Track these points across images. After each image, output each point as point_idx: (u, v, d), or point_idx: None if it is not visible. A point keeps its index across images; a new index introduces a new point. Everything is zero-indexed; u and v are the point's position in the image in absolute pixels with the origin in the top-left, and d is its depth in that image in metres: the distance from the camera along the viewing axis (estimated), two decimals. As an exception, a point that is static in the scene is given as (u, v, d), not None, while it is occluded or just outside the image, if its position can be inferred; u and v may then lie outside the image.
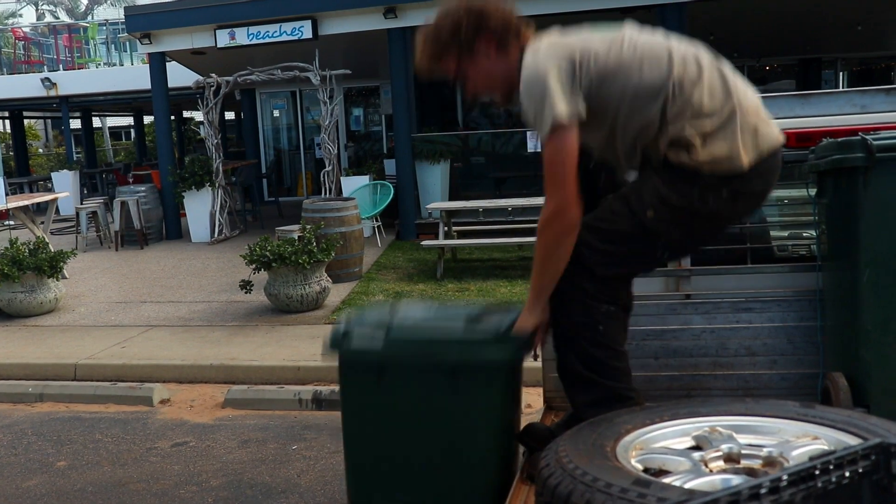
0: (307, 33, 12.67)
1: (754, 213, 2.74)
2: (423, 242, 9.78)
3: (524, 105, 2.44)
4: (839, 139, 2.74)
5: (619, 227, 2.47)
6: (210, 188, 12.96)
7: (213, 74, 12.76)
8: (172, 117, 18.92)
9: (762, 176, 2.42)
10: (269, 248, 7.94)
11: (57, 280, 8.90)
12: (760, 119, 2.43)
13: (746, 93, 2.45)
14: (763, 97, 3.26)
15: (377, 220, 12.06)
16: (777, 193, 3.62)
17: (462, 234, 10.81)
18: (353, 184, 12.53)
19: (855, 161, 2.60)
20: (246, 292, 8.43)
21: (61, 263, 8.85)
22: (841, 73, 20.57)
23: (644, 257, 2.58)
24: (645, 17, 11.45)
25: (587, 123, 2.40)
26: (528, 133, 13.08)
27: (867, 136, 2.60)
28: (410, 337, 2.61)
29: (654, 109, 2.36)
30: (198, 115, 24.89)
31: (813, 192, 3.05)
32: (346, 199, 10.08)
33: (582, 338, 2.48)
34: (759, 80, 19.73)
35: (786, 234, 3.93)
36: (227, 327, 7.88)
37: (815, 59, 18.68)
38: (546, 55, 2.42)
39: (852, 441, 1.81)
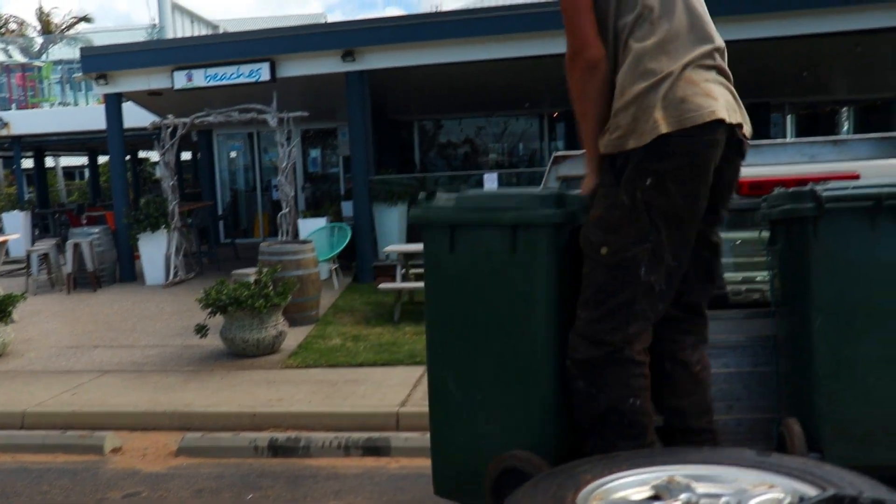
0: (265, 75, 12.70)
1: (698, 202, 2.48)
2: (381, 286, 9.76)
3: None
4: (790, 189, 2.80)
5: (596, 281, 2.53)
6: (165, 230, 12.84)
7: (170, 116, 12.71)
8: (128, 157, 18.78)
9: (685, 154, 2.39)
10: (224, 291, 7.86)
11: (5, 324, 8.71)
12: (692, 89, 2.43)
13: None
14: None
15: (334, 263, 12.02)
16: (730, 235, 3.69)
17: (420, 277, 10.79)
18: (311, 226, 12.50)
19: (805, 211, 2.65)
20: (201, 337, 8.32)
21: (10, 307, 8.68)
22: (788, 117, 21.09)
23: (631, 305, 2.50)
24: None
25: None
26: (486, 175, 13.20)
27: (816, 187, 2.66)
28: (478, 201, 2.76)
29: None
30: (154, 156, 24.72)
31: (766, 238, 3.10)
32: (304, 242, 10.04)
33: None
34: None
35: (740, 277, 3.99)
36: (181, 372, 7.76)
37: (763, 102, 19.12)
38: None
39: (808, 489, 1.83)
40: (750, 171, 3.22)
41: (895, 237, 2.64)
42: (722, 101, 2.41)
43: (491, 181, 12.82)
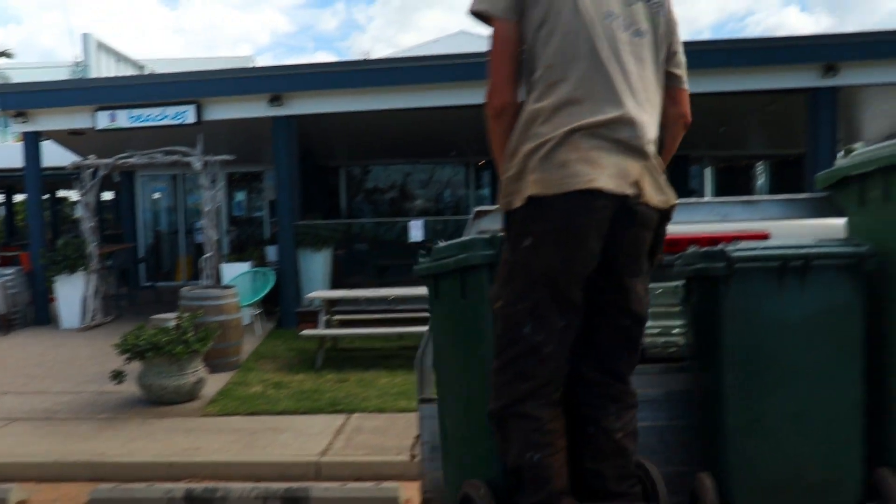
0: (191, 118, 12.59)
1: (574, 267, 2.47)
2: (303, 332, 9.67)
3: None
4: (703, 249, 2.89)
5: (496, 333, 2.57)
6: (84, 272, 12.54)
7: (92, 156, 12.49)
8: (46, 196, 18.32)
9: (559, 218, 2.41)
10: (143, 336, 7.70)
11: None
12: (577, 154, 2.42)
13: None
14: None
15: (257, 308, 11.87)
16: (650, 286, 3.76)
17: (343, 323, 10.74)
18: (234, 270, 12.35)
19: (717, 270, 2.74)
20: (118, 383, 8.12)
21: (-84, 351, 8.35)
22: (707, 170, 21.72)
23: (519, 362, 2.51)
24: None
25: None
26: (411, 222, 13.25)
27: (727, 248, 2.75)
28: (439, 251, 2.96)
29: None
30: (73, 195, 24.17)
31: (682, 291, 3.19)
32: (226, 287, 9.92)
33: None
34: (632, 173, 20.58)
35: (657, 329, 4.07)
36: (95, 420, 7.55)
37: (683, 156, 19.69)
38: None
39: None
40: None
41: (801, 296, 2.74)
42: (609, 170, 2.39)
43: (416, 228, 12.88)
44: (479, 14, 2.56)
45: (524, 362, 2.49)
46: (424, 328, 9.47)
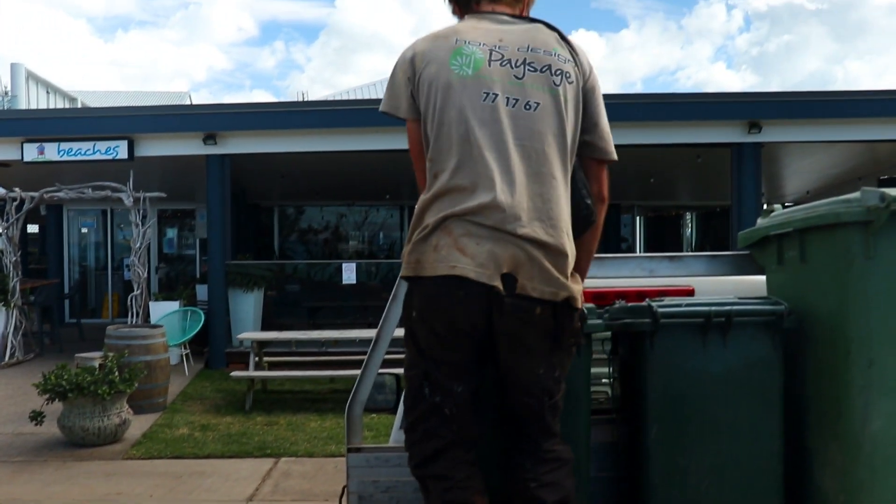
0: (123, 153, 12.42)
1: (442, 344, 2.50)
2: (233, 374, 9.55)
3: None
4: (629, 304, 2.98)
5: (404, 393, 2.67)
6: (4, 308, 12.20)
7: (17, 189, 12.23)
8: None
9: (425, 298, 2.49)
10: (66, 376, 7.51)
11: None
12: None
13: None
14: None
15: (185, 348, 11.69)
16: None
17: (273, 365, 10.64)
18: (163, 309, 12.15)
19: (642, 326, 2.83)
20: (37, 424, 7.88)
21: None
22: (637, 219, 22.23)
23: (423, 422, 2.58)
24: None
25: None
26: (344, 265, 13.24)
27: (653, 303, 2.84)
28: None
29: None
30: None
31: (608, 348, 3.27)
32: (154, 327, 9.75)
33: None
34: (565, 220, 20.97)
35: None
36: (11, 463, 7.31)
37: (614, 205, 20.11)
38: None
39: None
40: (593, 282, 3.41)
41: (723, 352, 2.84)
42: (478, 259, 2.39)
43: (349, 271, 12.87)
44: (386, 114, 2.64)
45: (429, 422, 2.55)
46: (355, 372, 9.42)
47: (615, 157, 2.68)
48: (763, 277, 3.33)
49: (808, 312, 2.82)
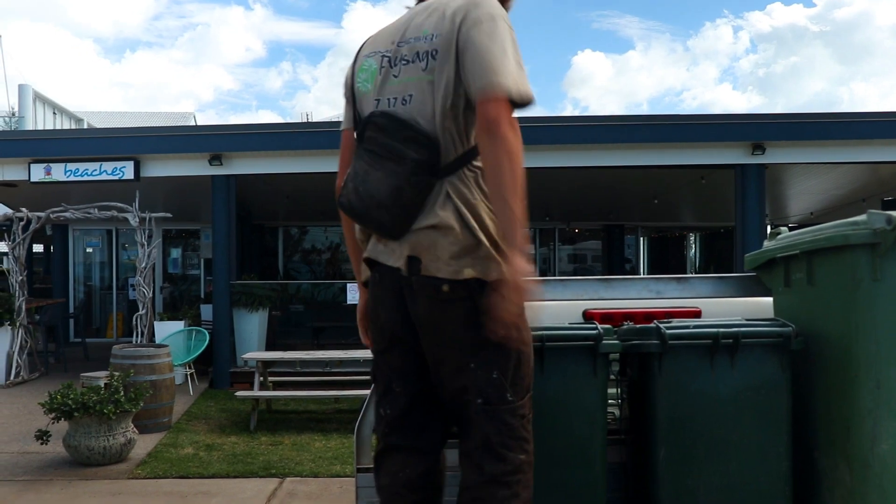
0: (129, 174, 12.49)
1: (380, 331, 2.59)
2: (238, 393, 9.54)
3: None
4: (637, 325, 3.00)
5: None
6: (10, 326, 12.23)
7: (24, 209, 12.28)
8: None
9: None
10: (72, 395, 7.52)
11: None
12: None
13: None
14: (571, 280, 3.53)
15: (190, 368, 11.69)
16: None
17: (278, 385, 10.64)
18: (167, 329, 12.17)
19: (650, 347, 2.85)
20: (42, 443, 7.89)
21: None
22: (641, 239, 22.25)
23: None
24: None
25: None
26: (349, 284, 13.26)
27: (661, 325, 2.86)
28: None
29: None
30: (1, 246, 23.62)
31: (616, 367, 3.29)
32: (159, 346, 9.76)
33: None
34: (569, 240, 21.03)
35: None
36: (15, 482, 7.31)
37: (618, 225, 20.14)
38: None
39: None
40: (601, 303, 3.44)
41: (731, 373, 2.86)
42: (388, 246, 2.50)
43: (354, 291, 12.87)
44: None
45: (376, 417, 2.72)
46: (360, 392, 9.40)
47: (498, 90, 2.30)
48: (769, 299, 3.35)
49: (816, 334, 2.84)
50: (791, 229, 3.27)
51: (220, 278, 12.54)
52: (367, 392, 3.40)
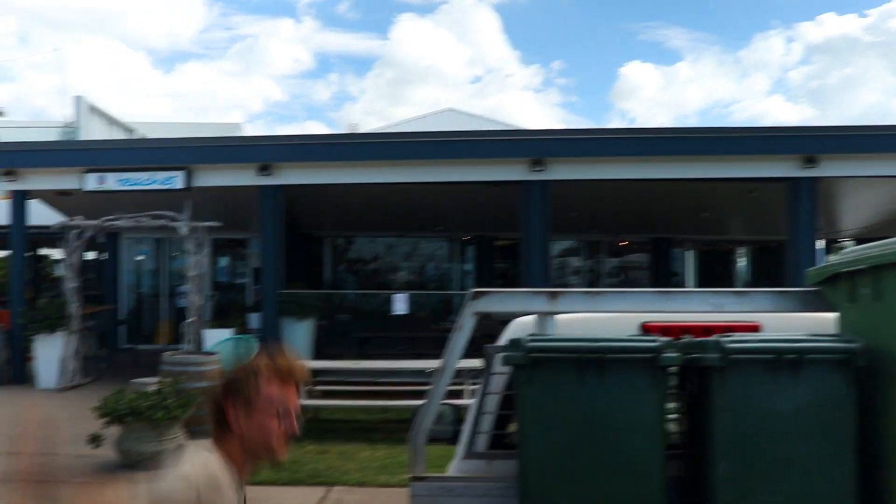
0: (180, 184, 12.66)
1: None
2: (286, 401, 9.59)
3: None
4: (697, 339, 2.96)
5: None
6: (64, 332, 12.44)
7: (78, 217, 12.50)
8: (29, 253, 18.22)
9: None
10: (123, 400, 7.63)
11: None
12: None
13: None
14: (628, 292, 3.50)
15: (238, 375, 11.76)
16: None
17: (325, 393, 10.68)
18: (216, 336, 12.29)
19: (711, 361, 2.81)
20: (95, 447, 8.00)
21: None
22: (689, 253, 21.98)
23: None
24: (510, 190, 12.06)
25: None
26: (395, 295, 13.30)
27: (721, 339, 2.82)
28: None
29: None
30: (55, 253, 24.02)
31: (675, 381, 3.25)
32: (209, 354, 9.87)
33: None
34: (616, 252, 20.88)
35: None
36: (72, 484, 7.42)
37: (666, 238, 19.94)
38: None
39: None
40: (659, 316, 3.40)
41: (794, 389, 2.81)
42: None
43: (400, 301, 12.92)
44: None
45: None
46: (408, 402, 9.38)
47: None
48: (831, 315, 3.29)
49: (883, 350, 2.77)
50: (834, 244, 3.21)
51: (269, 287, 12.64)
52: (415, 402, 3.39)
